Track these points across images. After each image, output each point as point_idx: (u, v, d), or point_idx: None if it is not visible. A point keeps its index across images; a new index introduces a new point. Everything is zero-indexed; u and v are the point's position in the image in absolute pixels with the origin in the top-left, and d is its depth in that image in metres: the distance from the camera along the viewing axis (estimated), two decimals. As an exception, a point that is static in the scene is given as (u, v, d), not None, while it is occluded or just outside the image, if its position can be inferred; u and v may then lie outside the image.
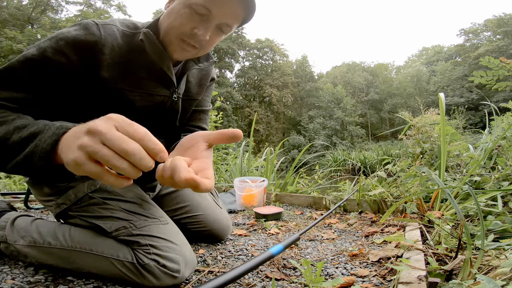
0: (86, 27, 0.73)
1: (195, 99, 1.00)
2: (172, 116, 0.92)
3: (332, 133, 32.48)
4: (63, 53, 0.70)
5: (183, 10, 0.73)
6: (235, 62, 37.72)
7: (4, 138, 0.58)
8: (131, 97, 0.80)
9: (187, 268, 0.77)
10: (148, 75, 0.81)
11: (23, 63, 0.68)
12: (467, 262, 0.69)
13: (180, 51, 0.78)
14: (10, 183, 2.38)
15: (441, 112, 1.49)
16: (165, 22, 0.77)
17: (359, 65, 42.19)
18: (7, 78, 0.67)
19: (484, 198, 1.25)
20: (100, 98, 0.77)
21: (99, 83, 0.75)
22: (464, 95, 29.68)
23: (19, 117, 0.62)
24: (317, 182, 2.61)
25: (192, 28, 0.74)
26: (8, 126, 0.59)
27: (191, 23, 0.73)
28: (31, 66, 0.68)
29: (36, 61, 0.68)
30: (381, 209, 1.65)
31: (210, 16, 0.73)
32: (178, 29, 0.75)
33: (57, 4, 23.66)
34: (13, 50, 18.42)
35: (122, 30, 0.78)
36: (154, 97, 0.84)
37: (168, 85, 0.85)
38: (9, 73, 0.67)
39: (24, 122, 0.59)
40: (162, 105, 0.87)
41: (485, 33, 31.43)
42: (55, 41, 0.70)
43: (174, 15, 0.75)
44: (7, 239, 0.84)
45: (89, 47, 0.72)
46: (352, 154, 12.07)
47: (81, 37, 0.71)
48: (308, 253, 1.04)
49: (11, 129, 0.58)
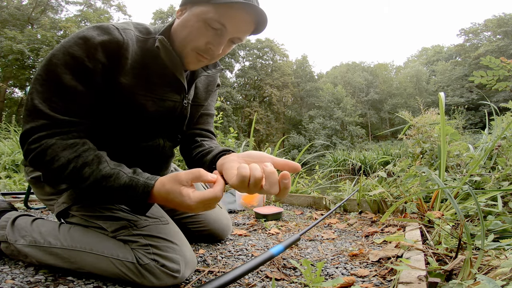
0: (108, 31, 0.72)
1: (202, 105, 1.01)
2: (180, 121, 0.93)
3: (332, 133, 32.47)
4: (97, 60, 0.70)
5: (197, 24, 0.74)
6: (235, 62, 37.72)
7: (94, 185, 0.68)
8: (143, 101, 0.79)
9: (187, 268, 0.77)
10: (160, 80, 0.81)
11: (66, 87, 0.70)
12: (467, 262, 0.69)
13: (196, 63, 0.80)
14: (10, 183, 2.37)
15: (441, 112, 1.49)
16: (180, 33, 0.78)
17: (359, 65, 42.16)
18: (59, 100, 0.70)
19: (484, 198, 1.25)
20: (115, 102, 0.77)
21: (116, 88, 0.75)
22: (464, 95, 29.67)
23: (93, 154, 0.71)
24: (317, 182, 2.61)
25: (207, 43, 0.75)
26: (92, 168, 0.69)
27: (206, 38, 0.75)
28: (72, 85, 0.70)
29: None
30: (381, 209, 1.65)
31: (224, 31, 0.74)
32: (193, 43, 0.76)
33: (57, 4, 23.69)
34: (13, 50, 18.43)
35: (136, 36, 0.78)
36: (166, 102, 0.84)
37: (180, 91, 0.86)
38: (58, 97, 0.69)
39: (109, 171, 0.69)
40: (173, 110, 0.87)
41: (485, 33, 31.42)
42: (85, 47, 0.69)
43: (189, 28, 0.75)
44: (8, 239, 0.84)
45: (115, 52, 0.72)
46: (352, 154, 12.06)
47: (107, 42, 0.71)
48: (308, 253, 1.04)
49: (99, 177, 0.68)
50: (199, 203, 0.62)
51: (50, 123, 0.68)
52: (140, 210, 0.70)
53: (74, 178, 0.68)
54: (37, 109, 0.68)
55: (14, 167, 3.03)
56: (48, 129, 0.68)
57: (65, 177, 0.69)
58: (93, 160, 0.69)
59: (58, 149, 0.68)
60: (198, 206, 0.63)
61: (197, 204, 0.62)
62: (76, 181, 0.68)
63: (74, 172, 0.68)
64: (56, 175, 0.69)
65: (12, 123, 5.00)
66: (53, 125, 0.69)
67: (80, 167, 0.67)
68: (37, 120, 0.68)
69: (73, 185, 0.77)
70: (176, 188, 0.63)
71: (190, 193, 0.62)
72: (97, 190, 0.68)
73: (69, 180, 0.69)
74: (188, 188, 0.63)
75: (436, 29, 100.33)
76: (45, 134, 0.68)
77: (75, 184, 0.70)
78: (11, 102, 23.41)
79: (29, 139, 0.68)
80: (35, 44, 19.23)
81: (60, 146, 0.68)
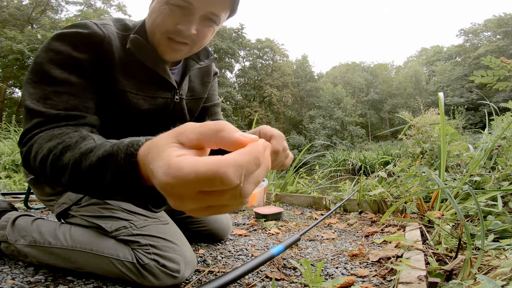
0: (86, 27, 0.68)
1: (200, 98, 0.97)
2: (177, 117, 0.90)
3: (332, 133, 32.49)
4: (83, 52, 0.66)
5: (163, 7, 0.70)
6: (235, 62, 37.74)
7: None
8: (135, 100, 0.77)
9: (187, 268, 0.77)
10: (147, 78, 0.79)
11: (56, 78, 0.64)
12: (467, 262, 0.69)
13: (171, 52, 0.75)
14: (10, 183, 2.37)
15: (441, 112, 1.49)
16: (149, 23, 0.74)
17: (359, 65, 42.17)
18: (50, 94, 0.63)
19: (484, 198, 1.25)
20: (109, 102, 0.74)
21: (108, 85, 0.72)
22: (464, 95, 29.67)
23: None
24: (317, 182, 2.61)
25: (175, 24, 0.70)
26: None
27: (173, 19, 0.70)
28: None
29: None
30: (381, 209, 1.65)
31: (192, 8, 0.69)
32: (161, 27, 0.71)
33: (57, 4, 23.66)
34: (13, 50, 18.42)
35: (116, 32, 0.74)
36: (157, 100, 0.82)
37: (168, 88, 0.83)
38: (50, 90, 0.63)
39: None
40: (165, 107, 0.85)
41: (485, 33, 31.43)
42: (67, 42, 0.66)
43: (155, 14, 0.71)
44: (8, 239, 0.84)
45: (98, 46, 0.69)
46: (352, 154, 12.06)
47: (87, 35, 0.67)
48: (308, 253, 1.04)
49: (78, 158, 0.50)
50: (198, 181, 0.26)
51: (44, 120, 0.61)
52: (137, 196, 0.42)
53: (55, 172, 0.52)
54: (30, 110, 0.62)
55: (14, 167, 3.03)
56: (42, 126, 0.60)
57: (48, 174, 0.54)
58: (77, 142, 0.53)
59: (42, 141, 0.57)
60: (192, 190, 0.27)
61: (191, 179, 0.26)
62: (57, 175, 0.52)
63: (53, 162, 0.52)
64: (42, 174, 0.56)
65: (12, 123, 5.00)
66: (48, 121, 0.61)
67: (60, 154, 0.52)
68: (31, 121, 0.61)
69: (57, 183, 0.55)
70: (161, 143, 0.32)
71: (183, 159, 0.27)
72: (79, 178, 0.48)
73: (52, 177, 0.54)
74: (184, 150, 0.30)
75: (435, 29, 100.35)
76: (39, 131, 0.60)
77: (57, 181, 0.53)
78: (11, 102, 23.42)
79: (22, 142, 0.62)
80: (35, 44, 19.20)
81: (45, 138, 0.57)
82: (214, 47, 33.34)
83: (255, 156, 0.28)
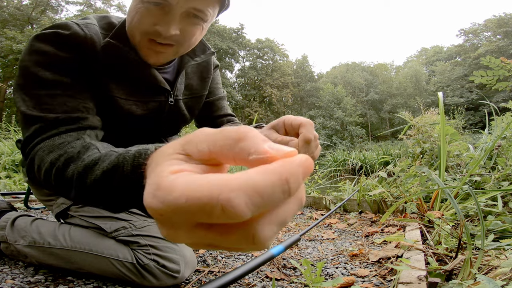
0: (66, 27, 0.63)
1: (200, 96, 0.91)
2: (176, 118, 0.85)
3: (332, 133, 32.51)
4: (68, 51, 0.62)
5: (138, 6, 0.62)
6: (235, 62, 37.77)
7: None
8: (127, 106, 0.72)
9: (187, 268, 0.77)
10: (136, 82, 0.73)
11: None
12: (467, 262, 0.69)
13: (154, 55, 0.68)
14: (10, 183, 2.37)
15: (440, 112, 1.49)
16: (127, 23, 0.67)
17: (359, 65, 42.20)
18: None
19: (484, 198, 1.25)
20: (100, 106, 0.67)
21: (97, 90, 0.66)
22: (464, 95, 29.70)
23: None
24: (317, 182, 2.61)
25: (153, 25, 0.62)
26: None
27: (150, 18, 0.62)
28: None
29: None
30: (381, 209, 1.65)
31: (169, 6, 0.61)
32: (139, 28, 0.64)
33: (57, 4, 23.68)
34: (13, 50, 18.42)
35: (101, 32, 0.68)
36: (149, 104, 0.76)
37: (161, 91, 0.77)
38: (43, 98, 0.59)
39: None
40: (160, 111, 0.79)
41: (485, 33, 31.46)
42: (50, 42, 0.61)
43: (132, 12, 0.64)
44: (7, 239, 0.84)
45: (81, 47, 0.63)
46: (352, 154, 12.05)
47: (68, 36, 0.62)
48: (308, 253, 1.04)
49: (81, 171, 0.47)
50: (190, 208, 0.17)
51: (43, 126, 0.57)
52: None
53: (61, 186, 0.50)
54: (27, 117, 0.58)
55: (14, 167, 3.03)
56: (43, 132, 0.57)
57: (56, 188, 0.52)
58: (80, 153, 0.50)
59: (43, 153, 0.53)
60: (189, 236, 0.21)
61: (180, 205, 0.17)
62: (64, 189, 0.50)
63: (58, 176, 0.50)
64: (49, 188, 0.54)
65: (12, 123, 5.00)
66: (48, 126, 0.57)
67: (63, 167, 0.49)
68: (30, 128, 0.57)
69: (67, 198, 0.53)
70: (167, 152, 0.24)
71: (179, 177, 0.19)
72: (85, 194, 0.46)
73: (60, 191, 0.53)
74: (188, 164, 0.22)
75: (435, 29, 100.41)
76: (40, 140, 0.56)
77: (66, 196, 0.51)
78: (11, 102, 23.41)
79: (25, 151, 0.58)
80: (35, 44, 19.18)
81: (46, 150, 0.54)
82: (214, 47, 33.34)
83: (284, 178, 0.17)
